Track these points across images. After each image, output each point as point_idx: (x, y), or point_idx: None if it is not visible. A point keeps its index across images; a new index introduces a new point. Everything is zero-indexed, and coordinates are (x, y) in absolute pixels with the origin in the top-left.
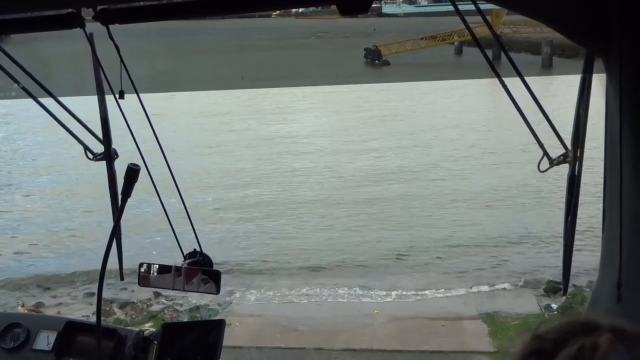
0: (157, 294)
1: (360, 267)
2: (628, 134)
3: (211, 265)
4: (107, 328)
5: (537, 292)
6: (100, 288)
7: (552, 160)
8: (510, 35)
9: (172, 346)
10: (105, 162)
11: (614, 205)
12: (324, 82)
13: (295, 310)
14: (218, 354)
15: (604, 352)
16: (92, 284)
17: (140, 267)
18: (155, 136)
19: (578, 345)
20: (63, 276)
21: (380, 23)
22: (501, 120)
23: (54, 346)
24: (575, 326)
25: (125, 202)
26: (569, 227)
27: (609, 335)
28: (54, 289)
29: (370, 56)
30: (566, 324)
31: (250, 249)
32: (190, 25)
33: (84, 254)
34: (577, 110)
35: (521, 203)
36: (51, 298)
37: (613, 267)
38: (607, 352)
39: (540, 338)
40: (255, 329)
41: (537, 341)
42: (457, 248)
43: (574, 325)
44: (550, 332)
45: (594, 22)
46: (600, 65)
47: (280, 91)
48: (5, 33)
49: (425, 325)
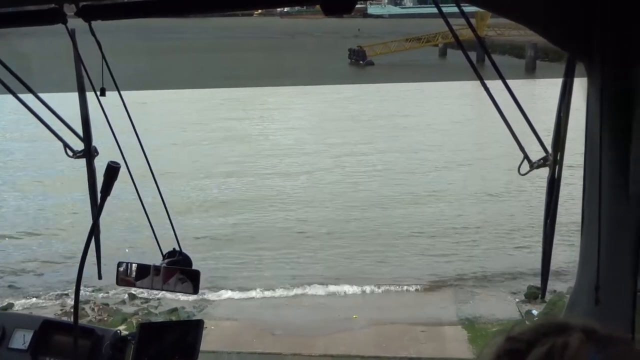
0: (132, 296)
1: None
2: (608, 137)
3: (190, 265)
4: (85, 327)
5: (518, 297)
6: (78, 287)
7: (532, 164)
8: (494, 37)
9: (150, 346)
10: (85, 159)
11: (592, 208)
12: (306, 82)
13: (273, 313)
14: (196, 354)
15: (574, 351)
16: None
17: (119, 267)
18: (136, 133)
19: (549, 345)
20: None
21: (365, 24)
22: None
23: (30, 345)
24: (548, 327)
25: (105, 200)
26: (548, 231)
27: (580, 335)
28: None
29: (354, 57)
30: (540, 326)
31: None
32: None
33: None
34: (558, 113)
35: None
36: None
37: (591, 270)
38: (577, 351)
39: (513, 339)
40: (231, 333)
41: (511, 342)
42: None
43: (547, 327)
44: (524, 334)
45: (576, 27)
46: (581, 69)
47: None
48: None
49: (405, 331)
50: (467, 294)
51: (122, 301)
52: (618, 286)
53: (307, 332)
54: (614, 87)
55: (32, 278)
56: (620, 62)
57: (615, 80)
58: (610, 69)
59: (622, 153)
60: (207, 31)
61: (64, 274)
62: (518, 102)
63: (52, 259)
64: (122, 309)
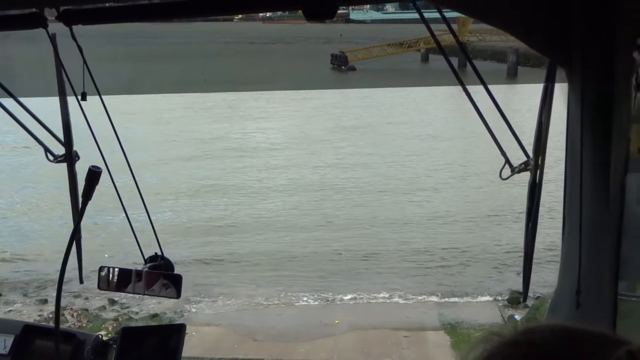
0: (112, 301)
1: None
2: (588, 142)
3: (172, 269)
4: (66, 332)
5: (501, 302)
6: (59, 291)
7: (513, 168)
8: (476, 43)
9: (132, 350)
10: (66, 164)
11: (573, 212)
12: (287, 87)
13: (254, 319)
14: (178, 358)
15: None
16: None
17: (101, 271)
18: (117, 138)
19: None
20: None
21: (347, 29)
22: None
23: (10, 350)
24: (565, 334)
25: (86, 205)
26: (529, 235)
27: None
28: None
29: (336, 62)
30: (551, 332)
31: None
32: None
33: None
34: (539, 118)
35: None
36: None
37: (572, 274)
38: None
39: (520, 344)
40: (212, 339)
41: (516, 347)
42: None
43: (564, 333)
44: (535, 338)
45: (557, 33)
46: (562, 75)
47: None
48: None
49: (388, 336)
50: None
51: (102, 307)
52: (599, 290)
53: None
54: (595, 92)
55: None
56: (600, 67)
57: (595, 85)
58: (591, 75)
59: (603, 157)
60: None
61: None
62: (499, 107)
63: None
64: (102, 315)
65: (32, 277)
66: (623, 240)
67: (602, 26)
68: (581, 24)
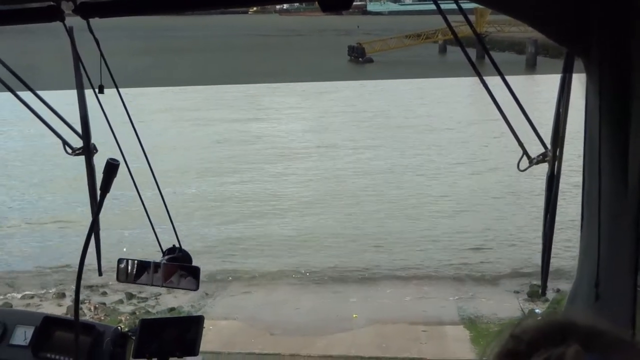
0: (130, 295)
1: None
2: (607, 133)
3: (190, 261)
4: (85, 323)
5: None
6: (78, 283)
7: (531, 160)
8: (494, 34)
9: (150, 342)
10: (84, 156)
11: (592, 204)
12: (305, 79)
13: (272, 313)
14: (197, 349)
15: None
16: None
17: (119, 263)
18: (135, 131)
19: (545, 356)
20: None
21: (364, 21)
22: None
23: (31, 341)
24: (553, 327)
25: (104, 197)
26: (548, 227)
27: (577, 348)
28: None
29: (353, 54)
30: (544, 324)
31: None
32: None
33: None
34: (557, 109)
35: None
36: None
37: (591, 265)
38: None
39: (516, 338)
40: (229, 333)
41: (514, 341)
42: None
43: (551, 326)
44: (526, 333)
45: (575, 23)
46: (580, 65)
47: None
48: None
49: (406, 331)
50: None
51: (120, 300)
52: (618, 282)
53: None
54: (613, 82)
55: None
56: (618, 57)
57: (613, 75)
58: (609, 65)
59: (621, 148)
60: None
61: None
62: (517, 98)
63: None
64: (120, 308)
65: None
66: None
67: (620, 15)
68: (598, 13)
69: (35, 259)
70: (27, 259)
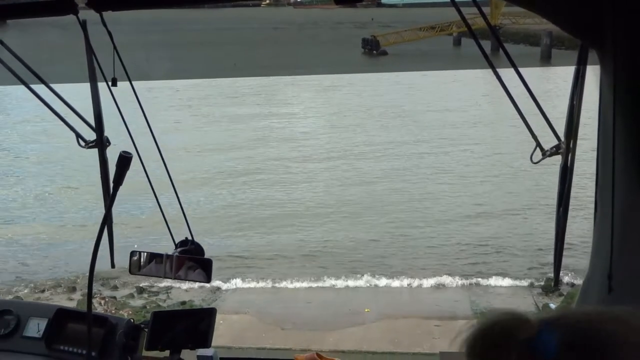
0: (140, 289)
1: None
2: (621, 125)
3: (202, 253)
4: (98, 316)
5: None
6: (91, 276)
7: (544, 152)
8: (509, 26)
9: (163, 334)
10: (97, 149)
11: (605, 196)
12: (320, 71)
13: (283, 307)
14: (209, 342)
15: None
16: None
17: (132, 256)
18: (148, 123)
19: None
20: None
21: (378, 13)
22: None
23: (44, 333)
24: (491, 336)
25: (117, 190)
26: (561, 218)
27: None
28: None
29: (368, 46)
30: (486, 329)
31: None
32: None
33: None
34: (571, 101)
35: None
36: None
37: (604, 258)
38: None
39: (467, 336)
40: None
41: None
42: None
43: (489, 336)
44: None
45: (588, 14)
46: (594, 57)
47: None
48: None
49: (418, 325)
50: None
51: (131, 294)
52: (631, 274)
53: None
54: (627, 74)
55: None
56: (632, 49)
57: (627, 67)
58: (623, 57)
59: (635, 140)
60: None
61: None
62: (530, 90)
63: None
64: (130, 302)
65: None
66: None
67: (634, 6)
68: (612, 5)
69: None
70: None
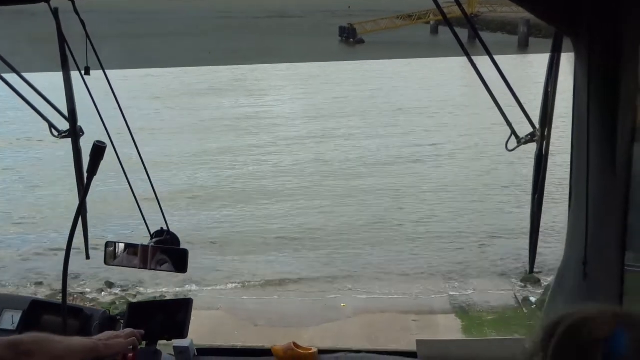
0: (110, 284)
1: None
2: (595, 112)
3: (178, 244)
4: (73, 307)
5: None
6: (66, 267)
7: (519, 139)
8: (486, 14)
9: (139, 325)
10: (70, 139)
11: (580, 183)
12: (296, 60)
13: (256, 303)
14: (186, 332)
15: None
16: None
17: (107, 246)
18: (122, 114)
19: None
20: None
21: (355, 1)
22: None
23: (18, 325)
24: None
25: (91, 180)
26: (536, 206)
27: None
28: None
29: (345, 35)
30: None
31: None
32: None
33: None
34: (546, 89)
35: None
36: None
37: (579, 244)
38: None
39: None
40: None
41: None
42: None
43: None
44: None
45: (563, 2)
46: (569, 45)
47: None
48: None
49: (396, 320)
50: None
51: (99, 289)
52: (606, 261)
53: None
54: (602, 62)
55: None
56: (607, 37)
57: (602, 55)
58: (598, 44)
59: (609, 128)
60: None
61: None
62: (505, 78)
63: None
64: (99, 298)
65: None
66: (630, 211)
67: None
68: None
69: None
70: None
